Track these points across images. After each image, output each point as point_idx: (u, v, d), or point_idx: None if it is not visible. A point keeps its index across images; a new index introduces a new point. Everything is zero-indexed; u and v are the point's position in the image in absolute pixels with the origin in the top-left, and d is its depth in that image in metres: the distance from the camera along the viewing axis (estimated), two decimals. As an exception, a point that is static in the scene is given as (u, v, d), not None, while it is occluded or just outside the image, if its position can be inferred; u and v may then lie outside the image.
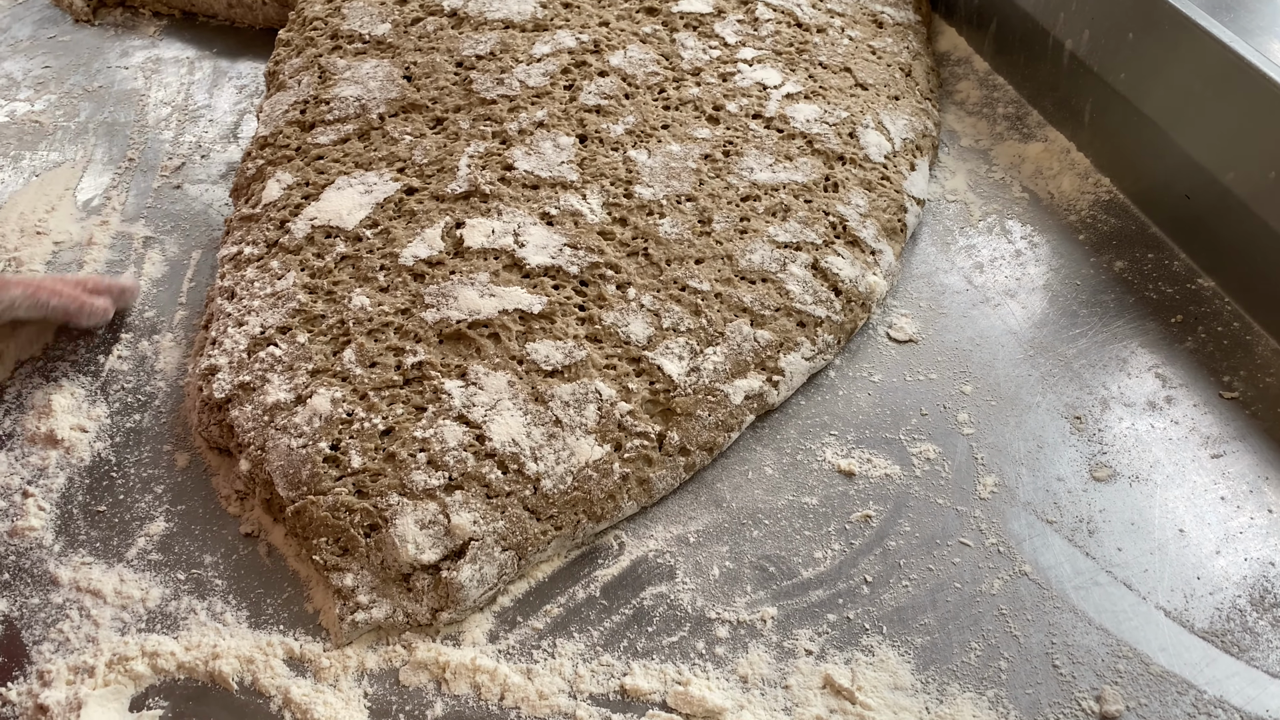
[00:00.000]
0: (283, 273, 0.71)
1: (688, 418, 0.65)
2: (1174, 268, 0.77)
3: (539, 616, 0.60)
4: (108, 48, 1.02)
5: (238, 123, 0.93)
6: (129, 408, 0.71)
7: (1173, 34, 0.75)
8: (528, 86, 0.82)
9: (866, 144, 0.81)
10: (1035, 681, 0.56)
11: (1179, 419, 0.68)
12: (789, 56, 0.87)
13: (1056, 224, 0.81)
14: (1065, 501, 0.64)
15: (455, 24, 0.88)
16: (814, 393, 0.71)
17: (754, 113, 0.82)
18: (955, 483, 0.65)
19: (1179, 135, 0.76)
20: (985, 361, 0.72)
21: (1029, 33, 0.89)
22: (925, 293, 0.77)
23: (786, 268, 0.72)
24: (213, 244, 0.82)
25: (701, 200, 0.75)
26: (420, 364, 0.66)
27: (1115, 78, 0.81)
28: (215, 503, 0.66)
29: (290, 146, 0.80)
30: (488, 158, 0.77)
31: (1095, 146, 0.85)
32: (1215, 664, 0.57)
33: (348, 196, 0.75)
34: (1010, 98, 0.92)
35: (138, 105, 0.95)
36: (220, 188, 0.87)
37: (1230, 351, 0.71)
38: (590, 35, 0.86)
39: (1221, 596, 0.59)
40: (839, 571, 0.61)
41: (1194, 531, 0.62)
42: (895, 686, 0.56)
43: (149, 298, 0.78)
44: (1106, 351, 0.72)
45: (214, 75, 0.99)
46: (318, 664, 0.58)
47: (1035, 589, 0.60)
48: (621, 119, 0.80)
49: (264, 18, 1.04)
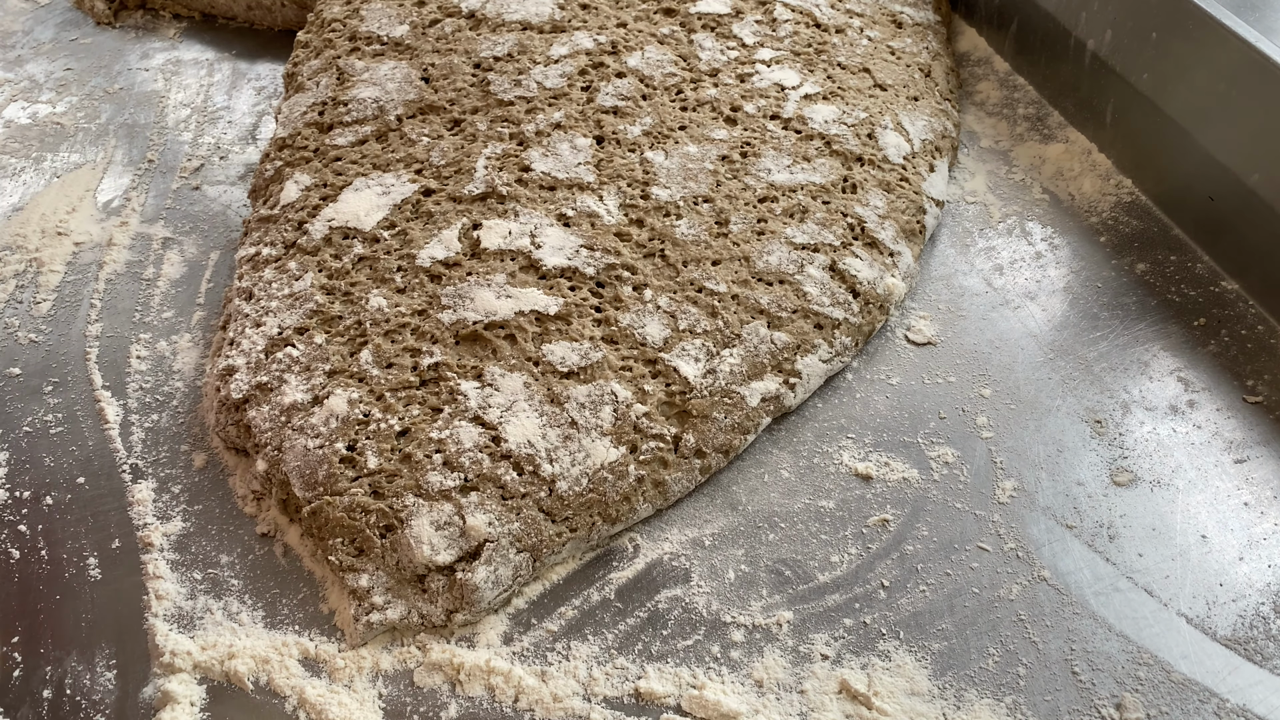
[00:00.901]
0: (300, 274, 0.72)
1: (704, 420, 0.65)
2: (1197, 270, 0.76)
3: (553, 619, 0.60)
4: (128, 50, 1.03)
5: (256, 124, 0.94)
6: (147, 407, 0.71)
7: (1197, 34, 0.74)
8: (545, 88, 0.82)
9: (885, 145, 0.80)
10: (1054, 688, 0.55)
11: (1201, 423, 0.67)
12: (807, 57, 0.86)
13: (1077, 226, 0.81)
14: (1085, 506, 0.63)
15: (473, 25, 0.88)
16: (831, 395, 0.71)
17: (772, 114, 0.81)
18: (974, 487, 0.65)
19: (1202, 136, 0.75)
20: (1005, 364, 0.71)
21: (1050, 33, 0.89)
22: (944, 295, 0.77)
23: (804, 269, 0.72)
24: (231, 245, 0.82)
25: (719, 201, 0.75)
26: (436, 365, 0.66)
27: (1138, 78, 0.80)
28: (232, 503, 0.66)
29: (308, 148, 0.80)
30: (505, 159, 0.77)
31: (1117, 147, 0.84)
32: (1238, 672, 0.56)
33: (365, 198, 0.75)
34: (1031, 98, 0.92)
35: (158, 107, 0.96)
36: (239, 189, 0.87)
37: (1254, 355, 0.70)
38: (608, 36, 0.86)
39: (1244, 604, 0.59)
40: (855, 576, 0.61)
41: (1216, 537, 0.62)
42: (912, 692, 0.56)
43: (168, 298, 0.78)
44: (1128, 355, 0.71)
45: (233, 77, 0.99)
46: (333, 664, 0.58)
47: (1054, 595, 0.59)
48: (639, 120, 0.80)
49: (283, 20, 1.04)
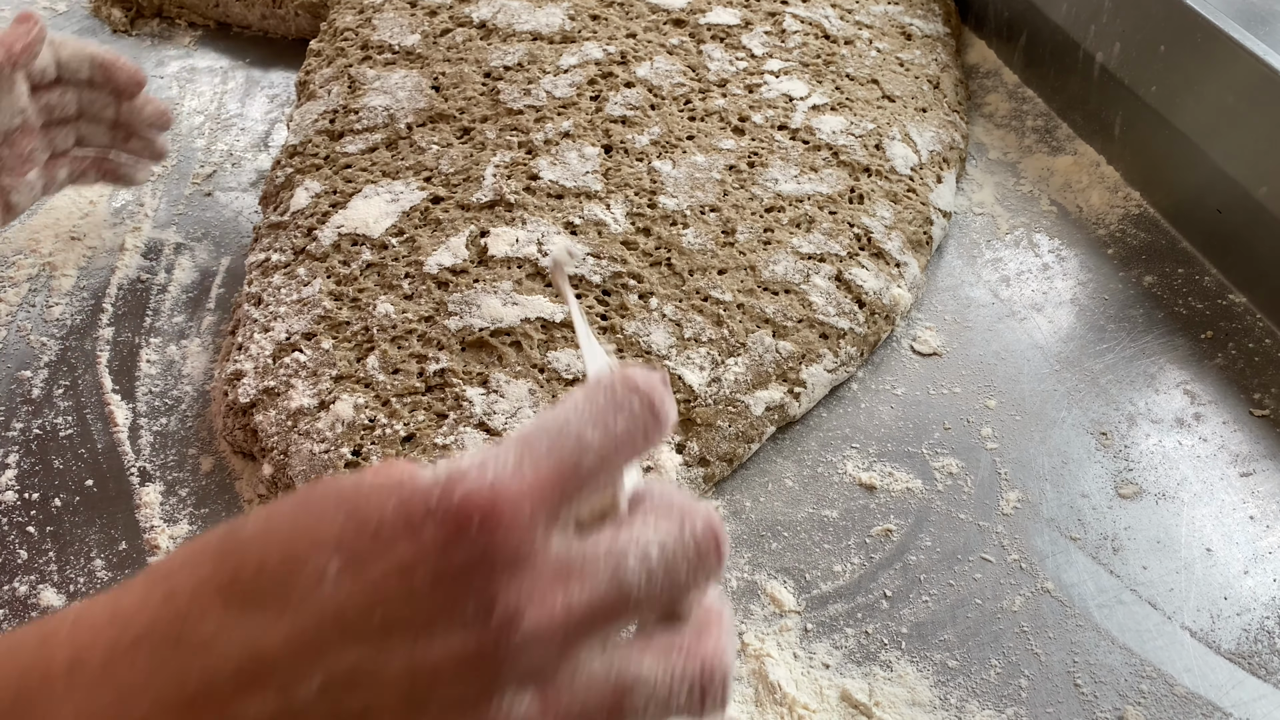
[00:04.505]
0: (309, 280, 0.72)
1: (708, 428, 0.65)
2: (1204, 283, 0.76)
3: (556, 625, 0.60)
4: (144, 57, 1.04)
5: (269, 131, 0.95)
6: (156, 411, 0.72)
7: (1205, 46, 0.74)
8: (554, 97, 0.82)
9: (893, 156, 0.81)
10: (1056, 700, 0.55)
11: (1207, 436, 0.67)
12: (816, 68, 0.87)
13: (1085, 238, 0.80)
14: (1090, 518, 0.63)
15: (484, 35, 0.88)
16: (836, 405, 0.71)
17: (780, 124, 0.82)
18: (978, 498, 0.65)
19: (1211, 149, 0.75)
20: (1010, 376, 0.71)
21: (1059, 45, 0.89)
22: (950, 306, 0.77)
23: (810, 279, 0.72)
24: (241, 251, 0.83)
25: (725, 211, 0.75)
26: (442, 371, 0.66)
27: (1146, 90, 0.80)
28: (239, 506, 0.66)
29: (319, 155, 0.80)
30: (513, 167, 0.77)
31: (1125, 160, 0.84)
32: (1242, 686, 0.56)
33: (374, 205, 0.76)
34: (1039, 110, 0.92)
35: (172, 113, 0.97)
36: (250, 195, 0.88)
37: (1261, 369, 0.70)
38: (617, 47, 0.86)
39: (1249, 617, 0.58)
40: (858, 585, 0.61)
41: (1221, 551, 0.61)
42: (913, 703, 0.55)
43: (178, 303, 0.79)
44: (1134, 367, 0.71)
45: (246, 85, 1.00)
46: (335, 668, 0.58)
47: (1058, 606, 0.59)
48: (647, 130, 0.80)
49: (296, 29, 1.05)
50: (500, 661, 0.30)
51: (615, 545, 0.32)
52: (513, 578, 0.30)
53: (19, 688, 0.30)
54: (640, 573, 0.32)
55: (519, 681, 0.30)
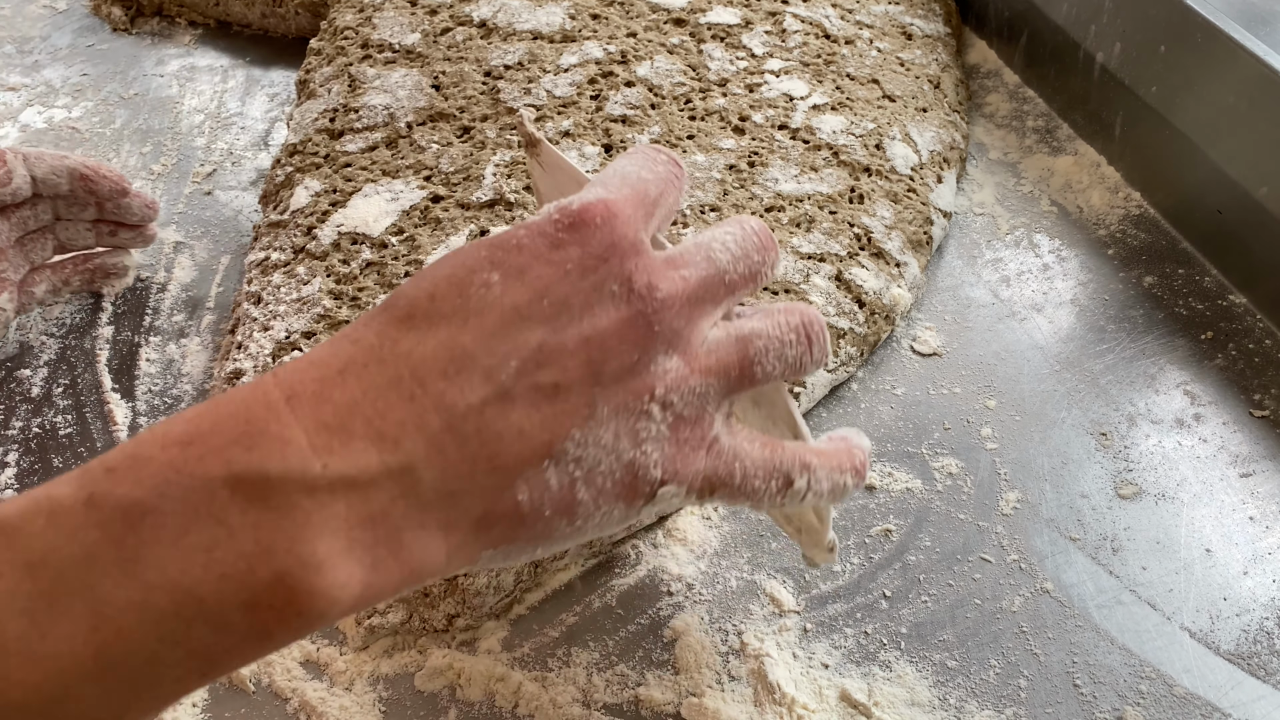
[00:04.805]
0: (309, 278, 0.72)
1: (707, 428, 0.65)
2: (1205, 284, 0.76)
3: (554, 625, 0.60)
4: (144, 56, 1.04)
5: (269, 130, 0.95)
6: (155, 410, 0.72)
7: (1206, 47, 0.74)
8: (554, 96, 0.82)
9: (893, 156, 0.80)
10: (1055, 701, 0.55)
11: (1207, 437, 0.67)
12: (816, 68, 0.87)
13: (1085, 238, 0.80)
14: (1089, 519, 0.63)
15: (484, 34, 0.88)
16: (836, 405, 0.71)
17: (780, 124, 0.82)
18: (977, 498, 0.65)
19: (1211, 149, 0.75)
20: (1010, 376, 0.71)
21: (1060, 45, 0.89)
22: (950, 306, 0.77)
23: (810, 279, 0.72)
24: (241, 249, 0.83)
25: (725, 210, 0.75)
26: (442, 371, 0.66)
27: (1147, 91, 0.80)
28: (237, 505, 0.66)
29: (319, 154, 0.80)
30: (513, 166, 0.77)
31: (1126, 160, 0.84)
32: (1241, 687, 0.56)
33: (374, 204, 0.76)
34: (1040, 111, 0.92)
35: (172, 112, 0.97)
36: (250, 194, 0.88)
37: (1261, 369, 0.70)
38: (618, 46, 0.86)
39: (1249, 618, 0.58)
40: (857, 586, 0.61)
41: (1221, 551, 0.61)
42: (913, 703, 0.55)
43: (178, 302, 0.79)
44: (1134, 368, 0.71)
45: (247, 83, 1.00)
46: (333, 668, 0.58)
47: (1057, 607, 0.59)
48: (647, 129, 0.80)
49: (296, 27, 1.05)
50: (650, 323, 0.38)
51: (701, 240, 0.42)
52: (638, 261, 0.39)
53: (247, 416, 0.34)
54: (725, 254, 0.41)
55: (665, 347, 0.38)
